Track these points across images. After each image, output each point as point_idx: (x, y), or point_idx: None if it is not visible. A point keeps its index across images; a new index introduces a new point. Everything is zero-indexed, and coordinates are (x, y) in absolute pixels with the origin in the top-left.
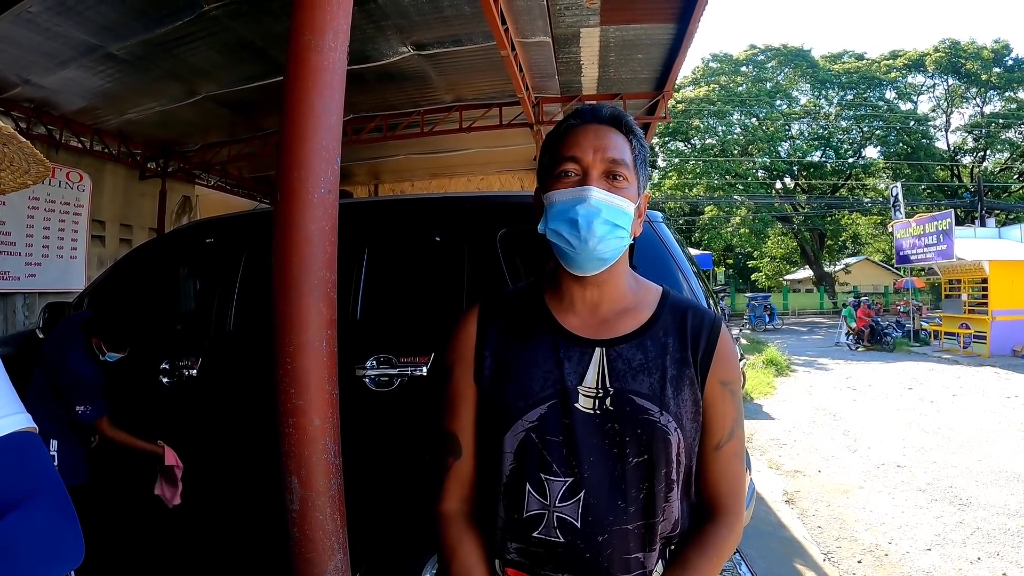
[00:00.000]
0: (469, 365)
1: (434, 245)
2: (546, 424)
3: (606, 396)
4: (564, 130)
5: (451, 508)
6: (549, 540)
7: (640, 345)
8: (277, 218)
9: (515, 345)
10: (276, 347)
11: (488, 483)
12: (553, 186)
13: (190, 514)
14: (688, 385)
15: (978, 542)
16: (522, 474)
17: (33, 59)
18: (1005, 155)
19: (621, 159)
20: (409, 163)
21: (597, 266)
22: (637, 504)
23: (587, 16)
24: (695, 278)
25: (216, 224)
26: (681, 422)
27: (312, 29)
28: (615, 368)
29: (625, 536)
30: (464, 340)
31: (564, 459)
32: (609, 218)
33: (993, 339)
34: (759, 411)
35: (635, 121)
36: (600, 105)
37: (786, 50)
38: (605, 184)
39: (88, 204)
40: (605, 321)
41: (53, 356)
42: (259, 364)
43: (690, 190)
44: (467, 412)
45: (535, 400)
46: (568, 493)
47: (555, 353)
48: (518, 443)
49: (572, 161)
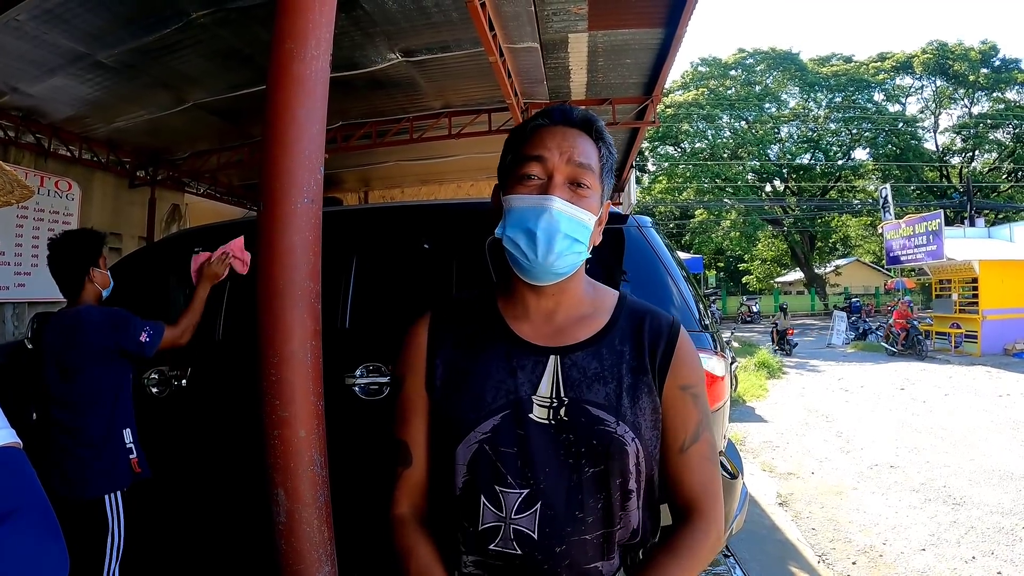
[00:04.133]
0: (420, 374)
1: (423, 252)
2: (499, 435)
3: (560, 406)
4: (531, 129)
5: (402, 513)
6: (506, 552)
7: (596, 353)
8: (260, 228)
9: (467, 354)
10: (260, 358)
11: (442, 495)
12: (514, 188)
13: (182, 525)
14: (646, 393)
15: (972, 541)
16: (476, 486)
17: (21, 67)
18: (993, 155)
19: (588, 164)
20: (399, 170)
21: (552, 279)
22: (595, 514)
23: (575, 22)
24: (685, 283)
25: (205, 232)
26: (639, 431)
27: (294, 37)
28: (570, 377)
29: (583, 546)
30: (415, 349)
31: (519, 470)
32: (569, 232)
33: (984, 338)
34: (751, 414)
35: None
36: (570, 107)
37: (774, 53)
38: (568, 193)
39: (77, 213)
40: (560, 329)
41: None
42: (248, 374)
43: (680, 194)
44: (419, 421)
45: (488, 411)
46: (524, 505)
47: (508, 362)
48: (471, 455)
49: (536, 162)
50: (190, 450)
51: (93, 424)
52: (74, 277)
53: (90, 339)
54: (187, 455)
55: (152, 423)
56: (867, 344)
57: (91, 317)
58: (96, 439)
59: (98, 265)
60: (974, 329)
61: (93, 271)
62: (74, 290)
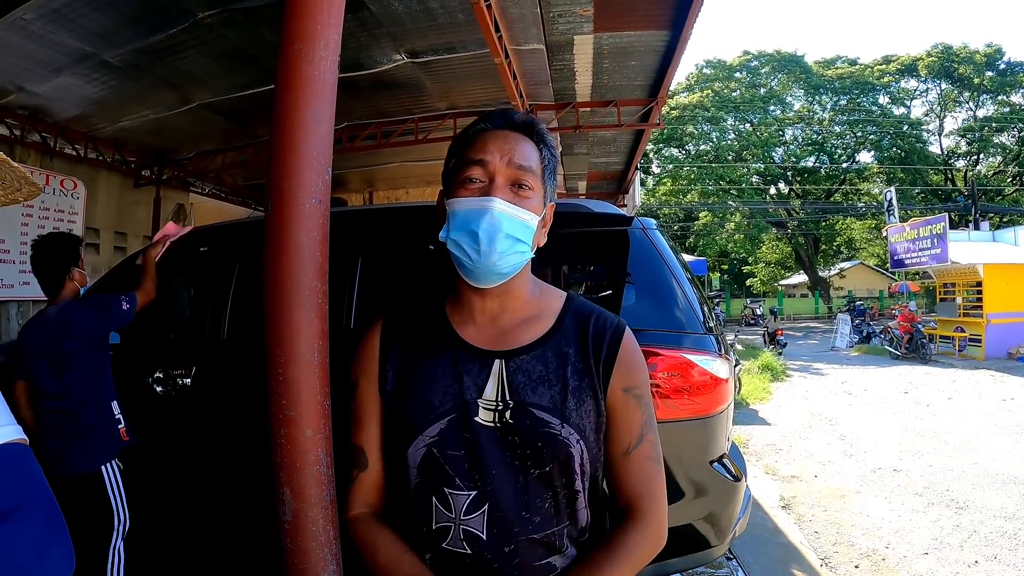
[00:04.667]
0: (373, 379)
1: (427, 253)
2: (447, 438)
3: (506, 409)
4: (473, 133)
5: (358, 513)
6: (456, 552)
7: (541, 356)
8: (267, 229)
9: (416, 359)
10: (267, 358)
11: (396, 496)
12: (456, 192)
13: (187, 522)
14: (591, 395)
15: (975, 545)
16: (426, 488)
17: (27, 66)
18: (998, 159)
19: (528, 166)
20: (403, 170)
21: (495, 280)
22: (542, 514)
23: (581, 23)
24: (689, 284)
25: (210, 232)
26: (584, 433)
27: (303, 39)
28: (515, 381)
29: (532, 545)
30: (368, 353)
31: (467, 473)
32: (511, 232)
33: (988, 342)
34: (755, 416)
35: (547, 130)
36: (512, 111)
37: (779, 56)
38: (509, 194)
39: (82, 212)
40: (505, 332)
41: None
42: (253, 372)
43: (684, 196)
44: (373, 425)
45: (435, 415)
46: (473, 506)
47: (454, 366)
48: (420, 458)
49: (478, 165)
50: (195, 448)
51: (89, 406)
52: (56, 276)
53: (82, 330)
54: (192, 453)
55: (157, 422)
56: (871, 347)
57: (77, 310)
58: (93, 418)
59: (78, 265)
60: (978, 333)
61: (74, 270)
62: (55, 288)
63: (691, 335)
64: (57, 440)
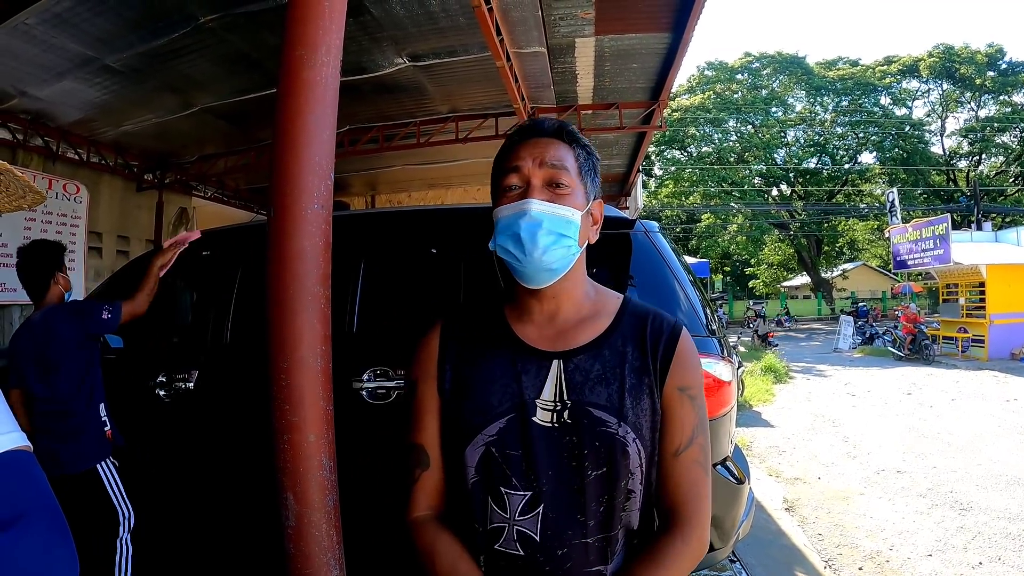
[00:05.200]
0: (432, 379)
1: (430, 257)
2: (505, 438)
3: (564, 409)
4: (508, 146)
5: (421, 515)
6: (509, 553)
7: (598, 355)
8: (270, 234)
9: (475, 359)
10: (270, 363)
11: (453, 496)
12: (499, 201)
13: (190, 526)
14: (647, 394)
15: (979, 547)
16: (483, 487)
17: (29, 71)
18: (1000, 159)
19: (562, 165)
20: (406, 174)
21: (547, 277)
22: (596, 518)
23: (582, 26)
24: (691, 287)
25: (213, 236)
26: (640, 432)
27: (305, 44)
28: (572, 380)
29: (584, 550)
30: (427, 355)
31: (523, 473)
32: (552, 228)
33: (991, 343)
34: (758, 418)
35: (579, 132)
36: (543, 119)
37: (781, 57)
38: (547, 194)
39: (85, 216)
40: (563, 332)
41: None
42: (256, 376)
43: (686, 198)
44: (432, 424)
45: (494, 414)
46: (527, 507)
47: (513, 367)
48: (479, 457)
49: (514, 172)
50: (198, 453)
51: (76, 407)
52: (40, 281)
53: (64, 333)
54: (195, 458)
55: (158, 426)
56: (874, 349)
57: (58, 314)
58: (80, 419)
59: (62, 271)
60: (981, 334)
61: (58, 275)
62: (40, 293)
63: (693, 338)
64: (49, 441)
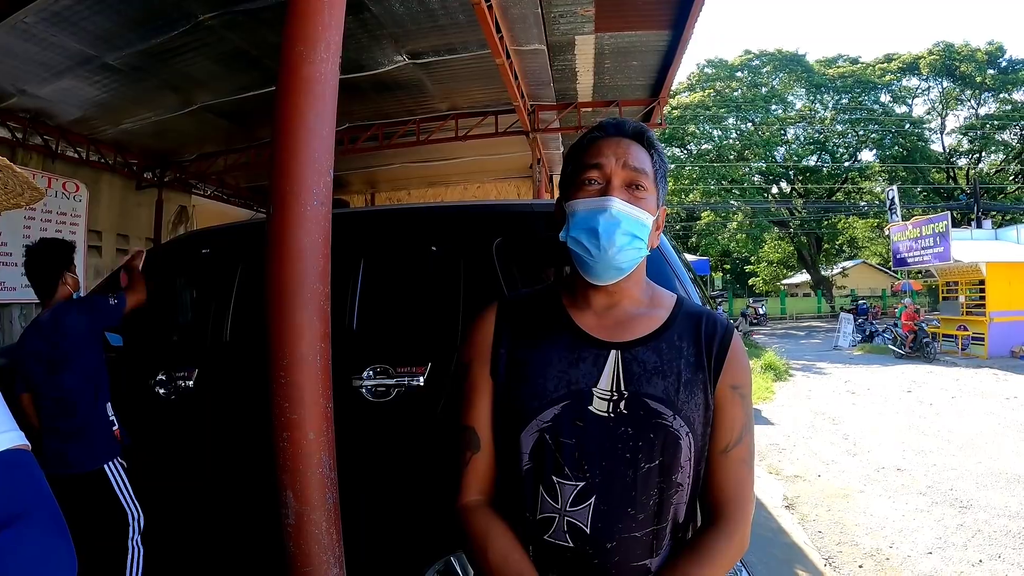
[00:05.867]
0: (486, 361)
1: (430, 255)
2: (560, 425)
3: (620, 399)
4: (588, 141)
5: (472, 501)
6: (558, 544)
7: (656, 348)
8: (270, 231)
9: (531, 344)
10: (270, 361)
11: (503, 482)
12: (575, 195)
13: (191, 524)
14: (701, 389)
15: (979, 544)
16: (535, 475)
17: (29, 69)
18: (1000, 156)
19: (643, 169)
20: (405, 172)
21: (614, 275)
22: (646, 511)
23: (582, 24)
24: (691, 284)
25: (212, 234)
26: (692, 426)
27: (304, 41)
28: (630, 371)
29: (634, 544)
30: (482, 336)
31: (576, 462)
32: (629, 229)
33: (991, 340)
34: (758, 416)
35: (655, 137)
36: (624, 120)
37: (781, 55)
38: (626, 195)
39: (85, 214)
40: (621, 323)
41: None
42: (256, 375)
43: (686, 196)
44: (484, 407)
45: (549, 400)
46: (579, 498)
47: (571, 353)
48: (533, 443)
49: (595, 169)
50: (197, 451)
51: (82, 405)
52: (49, 280)
53: (74, 328)
54: (194, 456)
55: (159, 424)
56: (874, 346)
57: (68, 310)
58: (89, 418)
59: (70, 270)
60: (981, 331)
61: (66, 274)
62: (49, 292)
63: None
64: (56, 440)
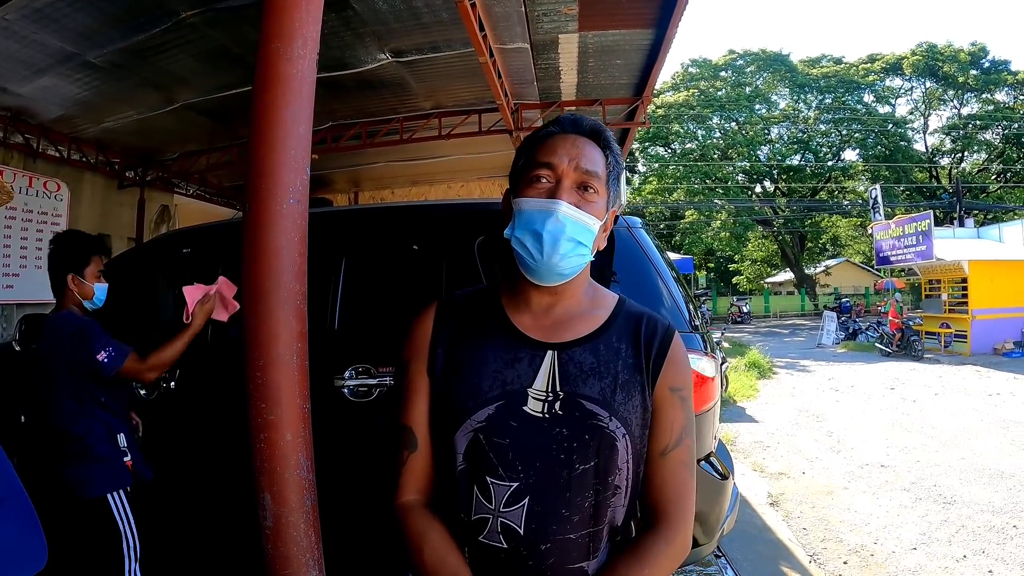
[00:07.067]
0: (423, 361)
1: (412, 253)
2: (494, 425)
3: (555, 400)
4: (542, 136)
5: (409, 500)
6: (493, 546)
7: (593, 349)
8: (245, 230)
9: (468, 344)
10: (246, 361)
11: (440, 482)
12: (524, 191)
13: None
14: (639, 391)
15: (963, 540)
16: (469, 476)
17: (9, 67)
18: (982, 156)
19: (595, 171)
20: (389, 170)
21: (556, 280)
22: (582, 513)
23: (565, 22)
24: (674, 283)
25: (194, 233)
26: (630, 428)
27: (281, 37)
28: (566, 371)
29: (568, 545)
30: (420, 336)
31: (510, 463)
32: (573, 235)
33: (974, 338)
34: (742, 414)
35: (614, 137)
36: (582, 116)
37: (765, 55)
38: (575, 196)
39: (66, 214)
40: (559, 324)
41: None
42: (238, 376)
43: (670, 195)
44: (422, 407)
45: (484, 400)
46: (513, 498)
47: (507, 353)
48: (467, 443)
49: (546, 167)
50: (180, 453)
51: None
52: (55, 282)
53: (56, 349)
54: (177, 458)
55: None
56: (857, 344)
57: (59, 327)
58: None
59: (81, 273)
60: (964, 329)
61: (72, 278)
62: (56, 295)
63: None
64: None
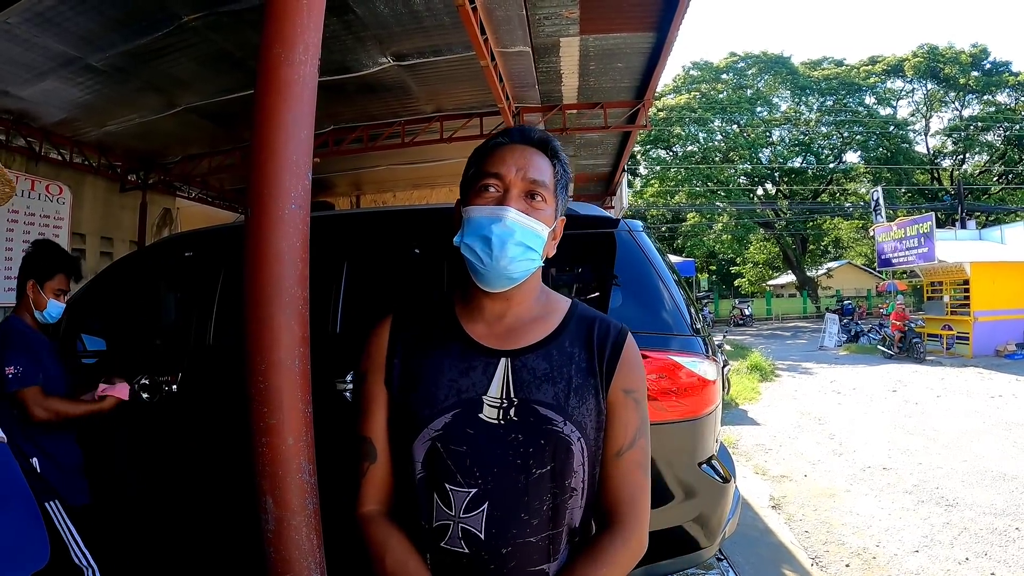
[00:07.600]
0: (380, 372)
1: (414, 257)
2: (451, 433)
3: (511, 406)
4: (492, 147)
5: (370, 510)
6: (454, 551)
7: (546, 354)
8: (247, 235)
9: (423, 353)
10: (248, 365)
11: (400, 491)
12: (473, 200)
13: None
14: (592, 394)
15: (966, 542)
16: (429, 484)
17: (11, 70)
18: (984, 157)
19: (542, 180)
20: (391, 174)
21: (505, 284)
22: (541, 516)
23: (567, 26)
24: (676, 286)
25: (196, 237)
26: (584, 431)
27: (282, 43)
28: (520, 378)
29: (529, 549)
30: (376, 347)
31: (468, 469)
32: (522, 240)
33: (976, 340)
34: (744, 416)
35: (560, 146)
36: (529, 127)
37: (766, 57)
38: (523, 204)
39: (68, 217)
40: (512, 331)
41: None
42: (240, 379)
43: (672, 197)
44: (380, 418)
45: (440, 409)
46: (472, 504)
47: (461, 362)
48: (425, 452)
49: (495, 177)
50: (181, 456)
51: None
52: (19, 284)
53: None
54: (178, 461)
55: (143, 428)
56: (859, 346)
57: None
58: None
59: (41, 283)
60: (966, 331)
61: (31, 284)
62: (17, 297)
63: (678, 337)
64: None
